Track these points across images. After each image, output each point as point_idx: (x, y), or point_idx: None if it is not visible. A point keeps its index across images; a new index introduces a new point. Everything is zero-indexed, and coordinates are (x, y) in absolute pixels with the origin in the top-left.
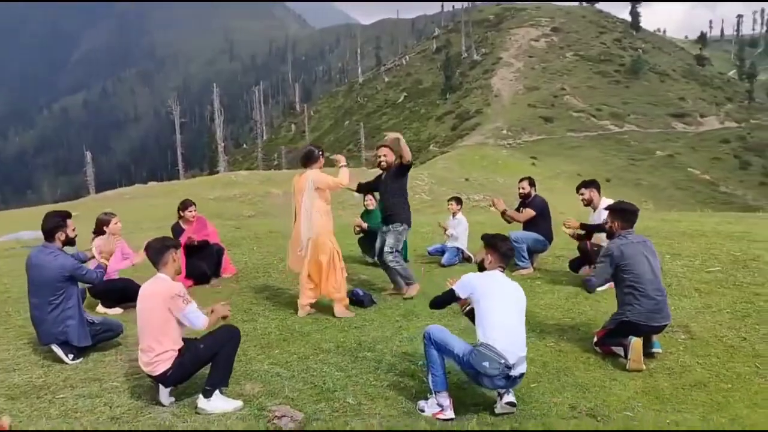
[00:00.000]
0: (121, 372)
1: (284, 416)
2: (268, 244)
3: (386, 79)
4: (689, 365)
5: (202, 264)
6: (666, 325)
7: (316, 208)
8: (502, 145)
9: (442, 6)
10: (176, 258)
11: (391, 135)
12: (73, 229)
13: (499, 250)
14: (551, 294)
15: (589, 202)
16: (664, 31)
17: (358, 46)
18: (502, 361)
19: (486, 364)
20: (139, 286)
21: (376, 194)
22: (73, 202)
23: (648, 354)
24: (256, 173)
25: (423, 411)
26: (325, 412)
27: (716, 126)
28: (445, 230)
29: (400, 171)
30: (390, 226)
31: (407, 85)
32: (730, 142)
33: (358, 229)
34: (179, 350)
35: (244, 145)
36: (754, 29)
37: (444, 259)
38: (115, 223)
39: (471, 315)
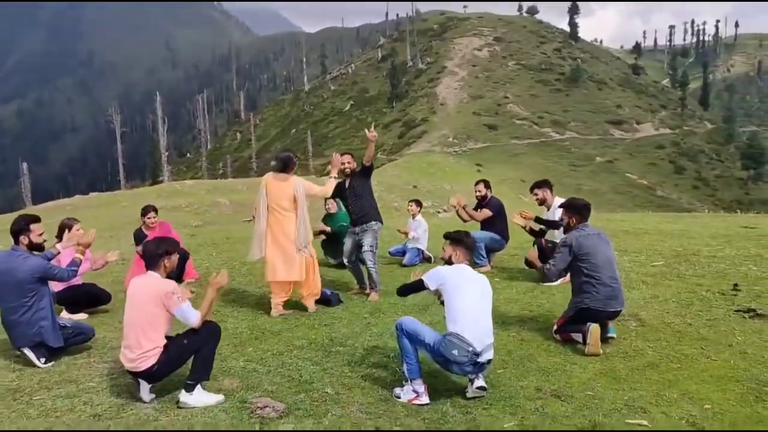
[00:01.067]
0: (96, 373)
1: (266, 407)
2: (227, 249)
3: (332, 88)
4: (641, 349)
5: None
6: (620, 311)
7: (306, 215)
8: (448, 152)
9: (387, 15)
10: (168, 264)
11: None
12: (40, 234)
13: (465, 245)
14: (509, 289)
15: (542, 201)
16: (601, 41)
17: (303, 54)
18: (470, 348)
19: (455, 352)
20: (104, 291)
21: (337, 199)
22: (8, 215)
23: (604, 339)
24: (202, 182)
25: (399, 397)
26: (305, 402)
27: (652, 132)
28: (406, 234)
29: (364, 173)
30: (365, 226)
31: (353, 93)
32: (665, 147)
33: (319, 232)
34: (164, 346)
35: (188, 155)
36: (685, 39)
37: (405, 260)
38: (77, 230)
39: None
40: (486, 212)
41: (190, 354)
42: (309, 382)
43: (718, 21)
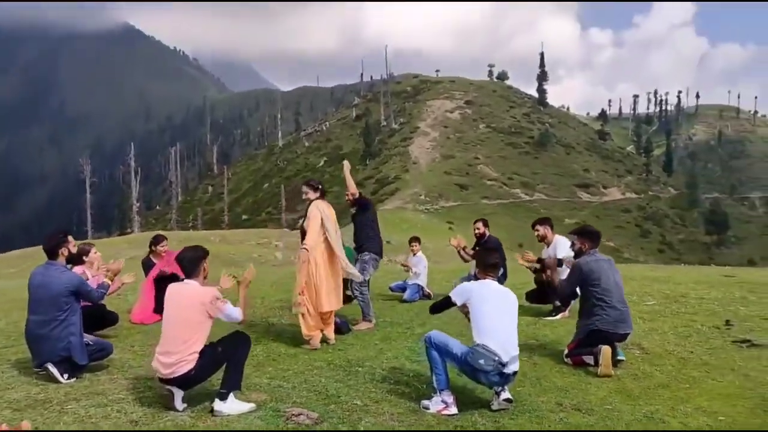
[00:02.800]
0: (122, 387)
1: (300, 414)
2: None
3: (306, 144)
4: (649, 372)
5: None
6: (629, 334)
7: None
8: (420, 209)
9: (362, 76)
10: (206, 267)
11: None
12: (74, 246)
13: (485, 262)
14: None
15: (543, 238)
16: (568, 108)
17: (278, 110)
18: (496, 358)
19: (482, 361)
20: (112, 312)
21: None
22: None
23: (614, 363)
24: (176, 233)
25: (428, 409)
26: (336, 412)
27: (618, 196)
28: (409, 268)
29: (358, 206)
30: (359, 256)
31: (327, 150)
32: (630, 211)
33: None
34: (200, 352)
35: (157, 207)
36: (648, 108)
37: (406, 295)
38: (95, 253)
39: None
40: None
41: (223, 361)
42: (336, 396)
43: (680, 92)
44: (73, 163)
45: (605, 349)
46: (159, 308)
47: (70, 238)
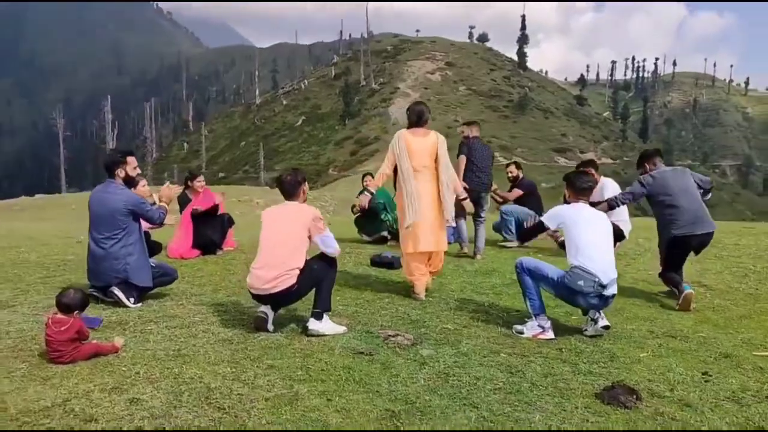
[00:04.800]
0: (194, 312)
1: (397, 335)
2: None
3: (284, 102)
4: (724, 305)
5: (211, 233)
6: (712, 233)
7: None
8: None
9: (341, 34)
10: (306, 190)
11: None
12: (135, 167)
13: (572, 185)
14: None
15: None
16: (546, 73)
17: (255, 67)
18: (596, 279)
19: (581, 282)
20: (156, 242)
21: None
22: None
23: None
24: (154, 188)
25: (522, 333)
26: (430, 335)
27: None
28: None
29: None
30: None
31: (306, 109)
32: (607, 176)
33: (358, 209)
34: (300, 269)
35: None
36: (626, 75)
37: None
38: (143, 186)
39: (563, 246)
40: (517, 192)
41: (317, 280)
42: (421, 321)
43: (657, 59)
44: (43, 116)
45: (688, 293)
46: (196, 243)
47: (130, 159)
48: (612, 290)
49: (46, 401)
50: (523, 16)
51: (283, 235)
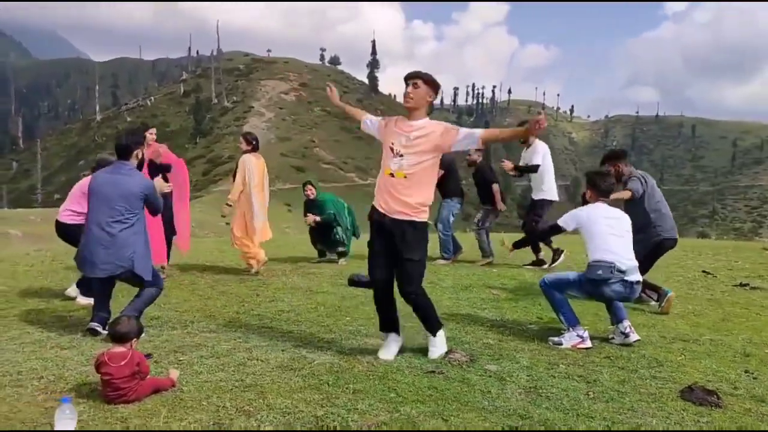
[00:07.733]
0: (214, 338)
1: (453, 352)
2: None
3: (129, 119)
4: (699, 311)
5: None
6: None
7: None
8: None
9: (189, 51)
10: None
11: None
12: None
13: (600, 187)
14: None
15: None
16: (395, 96)
17: (96, 82)
18: (613, 265)
19: (600, 272)
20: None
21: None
22: None
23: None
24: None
25: (561, 344)
26: (476, 350)
27: None
28: None
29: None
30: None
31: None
32: None
33: (313, 223)
34: None
35: None
36: (467, 101)
37: None
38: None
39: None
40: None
41: None
42: (459, 339)
43: (494, 86)
44: None
45: (671, 295)
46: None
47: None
48: (635, 276)
49: None
50: (374, 42)
51: None
